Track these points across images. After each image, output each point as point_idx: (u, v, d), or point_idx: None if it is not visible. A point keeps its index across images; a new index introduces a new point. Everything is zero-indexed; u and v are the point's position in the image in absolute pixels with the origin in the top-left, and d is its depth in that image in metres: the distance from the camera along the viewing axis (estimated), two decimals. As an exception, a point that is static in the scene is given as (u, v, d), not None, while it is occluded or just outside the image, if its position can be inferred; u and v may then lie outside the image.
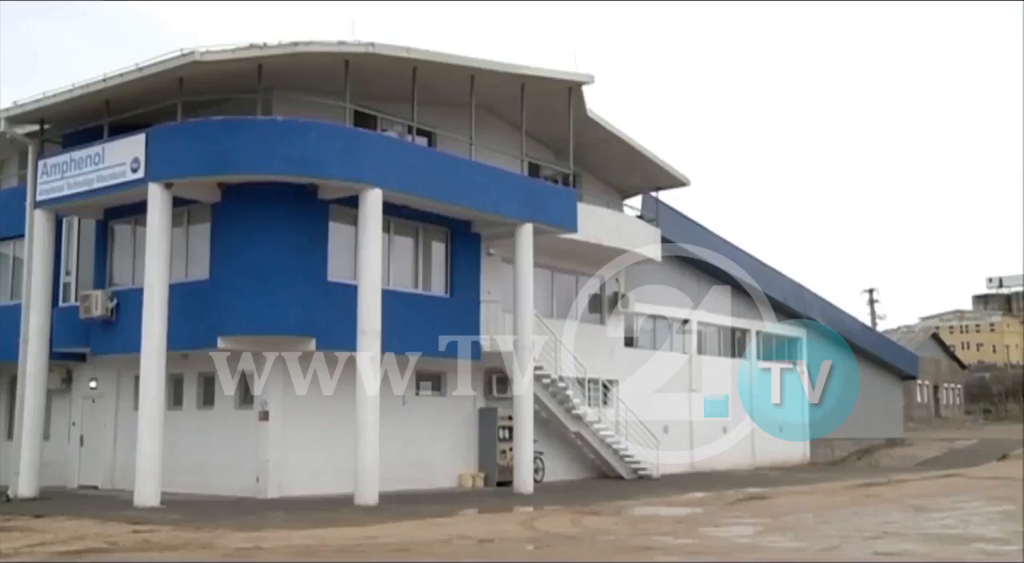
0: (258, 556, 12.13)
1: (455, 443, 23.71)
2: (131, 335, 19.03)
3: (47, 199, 20.77)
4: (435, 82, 21.08)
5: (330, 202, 20.04)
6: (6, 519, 16.57)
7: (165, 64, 18.48)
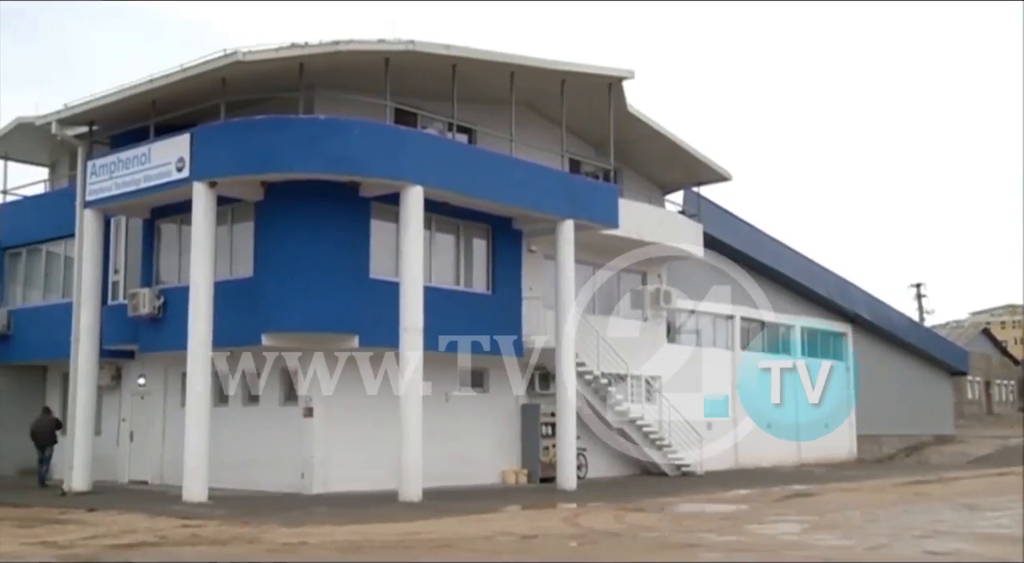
0: (303, 551, 12.24)
1: (498, 440, 23.75)
2: (178, 332, 19.28)
3: (96, 199, 21.11)
4: (475, 79, 21.11)
5: (371, 200, 20.15)
6: (61, 512, 16.92)
7: (208, 65, 18.69)
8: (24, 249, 25.61)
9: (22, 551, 12.29)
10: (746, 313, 32.41)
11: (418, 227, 19.26)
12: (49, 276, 25.00)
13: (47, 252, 25.09)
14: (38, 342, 24.04)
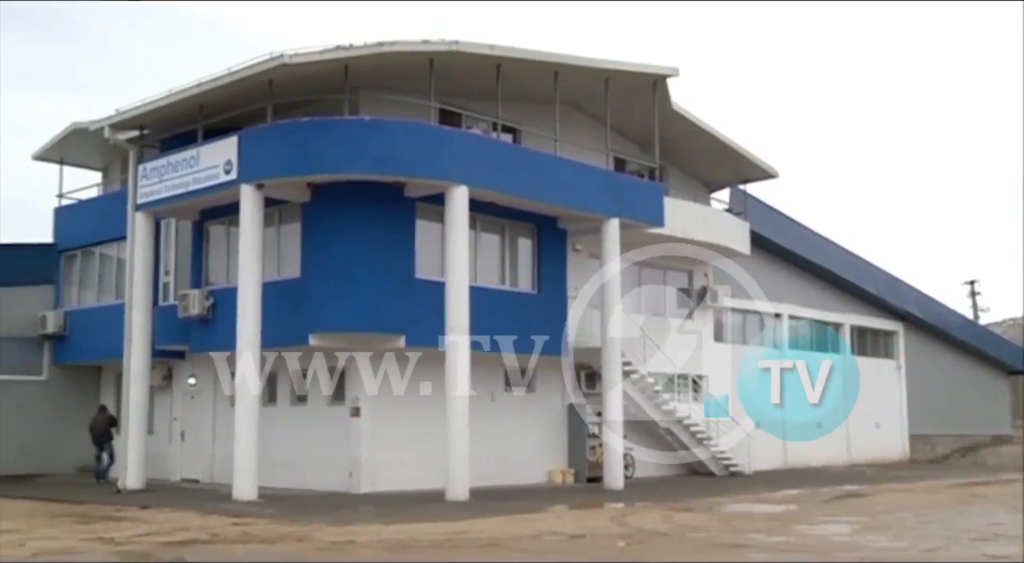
0: (352, 550, 12.33)
1: (544, 439, 23.73)
2: (227, 333, 19.52)
3: (147, 202, 21.44)
4: (519, 78, 21.11)
5: (417, 200, 20.24)
6: (116, 509, 17.24)
7: (255, 68, 18.90)
8: (79, 252, 26.09)
9: (81, 547, 12.54)
10: (794, 311, 32.06)
11: (463, 227, 19.31)
12: (103, 278, 25.45)
13: (101, 254, 25.54)
14: (93, 342, 24.48)
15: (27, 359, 25.14)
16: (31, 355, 25.24)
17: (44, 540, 13.19)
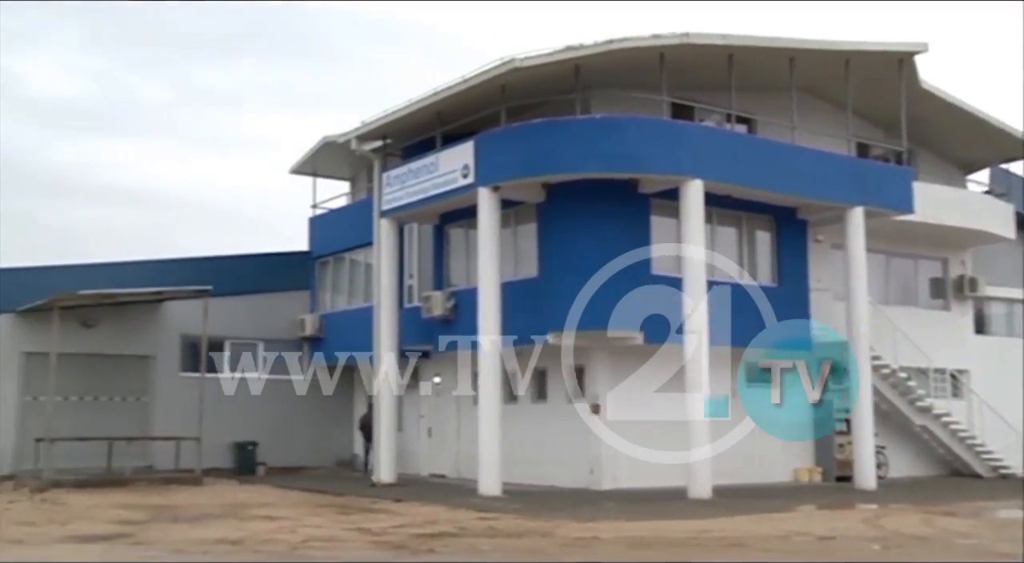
0: (595, 546, 12.39)
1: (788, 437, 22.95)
2: (468, 332, 20.14)
3: (391, 208, 22.50)
4: (753, 67, 20.54)
5: (651, 196, 20.10)
6: (372, 502, 18.19)
7: (488, 73, 19.39)
8: (331, 258, 27.75)
9: (342, 535, 13.32)
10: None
11: (699, 221, 19.01)
12: (353, 282, 26.93)
13: (350, 260, 27.04)
14: (345, 343, 25.86)
15: (291, 360, 26.96)
16: (294, 356, 27.03)
17: (311, 528, 14.11)
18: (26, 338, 23.61)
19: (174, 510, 16.73)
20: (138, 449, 23.40)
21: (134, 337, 24.96)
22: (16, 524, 14.77)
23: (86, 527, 14.28)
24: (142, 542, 12.67)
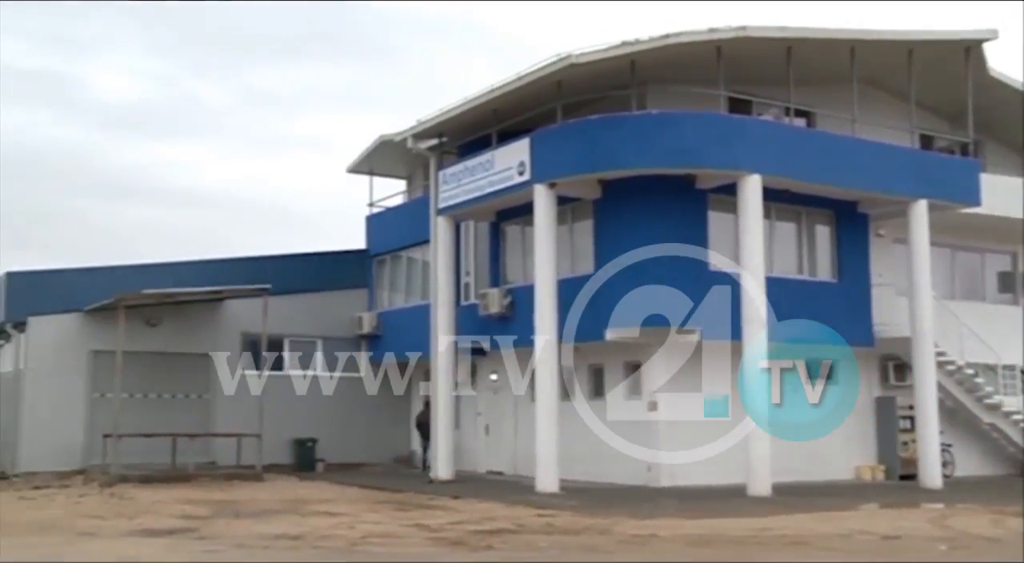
0: (653, 543, 12.31)
1: (850, 433, 22.56)
2: (525, 330, 20.15)
3: (447, 206, 22.58)
4: (812, 59, 20.25)
5: (708, 191, 19.94)
6: (430, 498, 18.30)
7: (543, 70, 19.36)
8: (388, 256, 27.94)
9: (400, 531, 13.41)
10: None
11: (757, 217, 18.80)
12: (410, 280, 27.09)
13: (407, 258, 27.20)
14: (403, 341, 26.05)
15: (349, 357, 27.22)
16: (352, 353, 27.26)
17: (370, 524, 14.23)
18: (93, 337, 24.14)
19: (236, 505, 16.99)
20: (201, 445, 23.80)
21: (196, 335, 25.38)
22: (87, 517, 15.13)
23: (152, 521, 14.57)
24: (205, 536, 12.89)
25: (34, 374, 23.78)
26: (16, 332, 24.57)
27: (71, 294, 24.20)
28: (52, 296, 24.28)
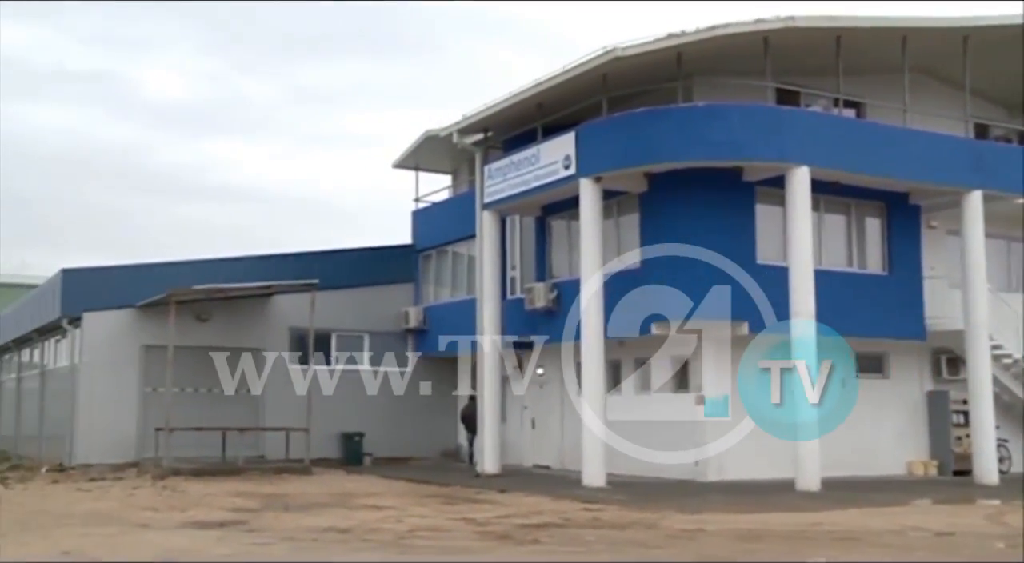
0: (701, 538, 12.23)
1: (901, 428, 22.28)
2: (571, 324, 20.11)
3: (493, 200, 22.59)
4: (862, 49, 19.95)
5: (755, 184, 19.74)
6: (477, 492, 18.35)
7: (588, 63, 19.28)
8: (434, 251, 28.03)
9: (447, 525, 13.45)
10: None
11: (805, 209, 18.59)
12: (455, 275, 27.16)
13: (453, 253, 27.27)
14: (449, 335, 26.13)
15: (396, 352, 27.37)
16: (399, 348, 27.44)
17: (417, 517, 14.30)
18: (145, 332, 24.50)
19: (285, 499, 17.16)
20: (250, 439, 24.09)
21: (245, 330, 25.66)
22: (141, 509, 15.39)
23: (203, 514, 14.77)
24: (255, 529, 13.03)
25: (89, 368, 24.19)
26: (71, 328, 25.01)
27: (124, 290, 24.58)
28: (106, 292, 24.67)
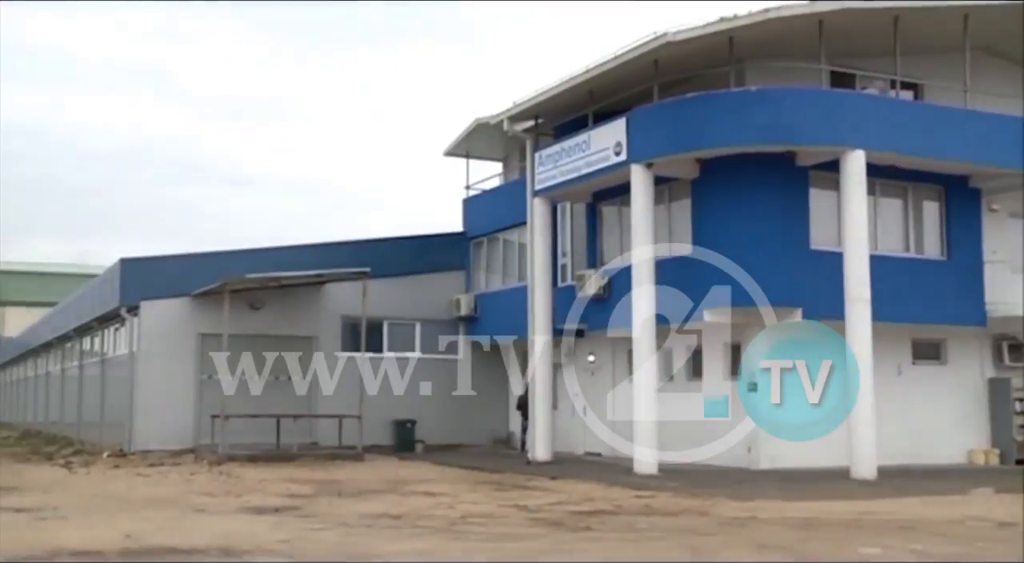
0: (754, 526, 12.13)
1: (961, 416, 21.89)
2: (623, 310, 20.01)
3: (543, 187, 22.55)
4: (920, 29, 19.59)
5: (809, 168, 19.47)
6: (528, 479, 18.39)
7: (639, 49, 19.13)
8: (485, 238, 28.07)
9: (500, 512, 13.50)
10: None
11: (860, 193, 18.30)
12: (506, 262, 27.18)
13: (504, 240, 27.28)
14: (500, 323, 26.22)
15: (447, 339, 27.51)
16: (450, 335, 27.55)
17: (469, 504, 14.37)
18: (201, 320, 24.86)
19: (338, 485, 17.34)
20: (304, 426, 24.37)
21: (298, 318, 25.94)
22: (198, 494, 15.66)
23: (258, 499, 14.98)
24: (309, 515, 13.19)
25: (146, 356, 24.64)
26: (130, 316, 25.48)
27: (180, 279, 24.97)
28: (162, 281, 25.08)
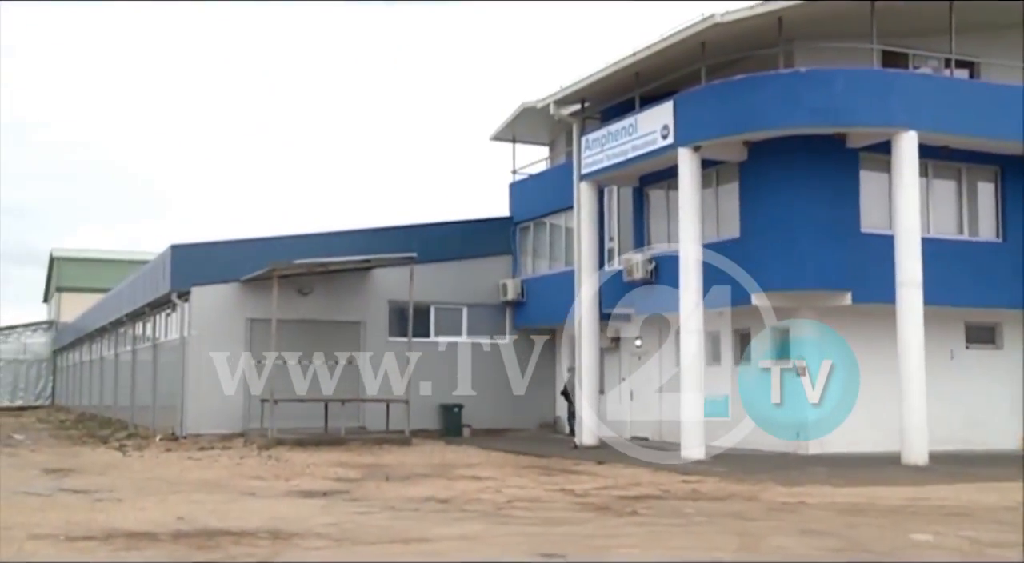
0: (802, 511, 12.03)
1: (1017, 401, 21.47)
2: (670, 294, 19.90)
3: (590, 171, 22.47)
4: (976, 6, 19.10)
5: (859, 150, 19.19)
6: (575, 463, 18.40)
7: (687, 31, 18.94)
8: (531, 223, 28.05)
9: (546, 496, 13.53)
10: None
11: (912, 175, 17.99)
12: (553, 246, 27.14)
13: (550, 224, 27.24)
14: (546, 307, 26.20)
15: (494, 324, 27.60)
16: (497, 320, 27.65)
17: (515, 488, 14.42)
18: (250, 305, 25.13)
19: (385, 469, 17.49)
20: (351, 410, 24.58)
21: (345, 303, 26.13)
22: (248, 478, 15.88)
23: (307, 483, 15.16)
24: (357, 498, 13.32)
25: (197, 341, 24.97)
26: (180, 301, 25.83)
27: (229, 265, 25.24)
28: (212, 267, 25.38)
